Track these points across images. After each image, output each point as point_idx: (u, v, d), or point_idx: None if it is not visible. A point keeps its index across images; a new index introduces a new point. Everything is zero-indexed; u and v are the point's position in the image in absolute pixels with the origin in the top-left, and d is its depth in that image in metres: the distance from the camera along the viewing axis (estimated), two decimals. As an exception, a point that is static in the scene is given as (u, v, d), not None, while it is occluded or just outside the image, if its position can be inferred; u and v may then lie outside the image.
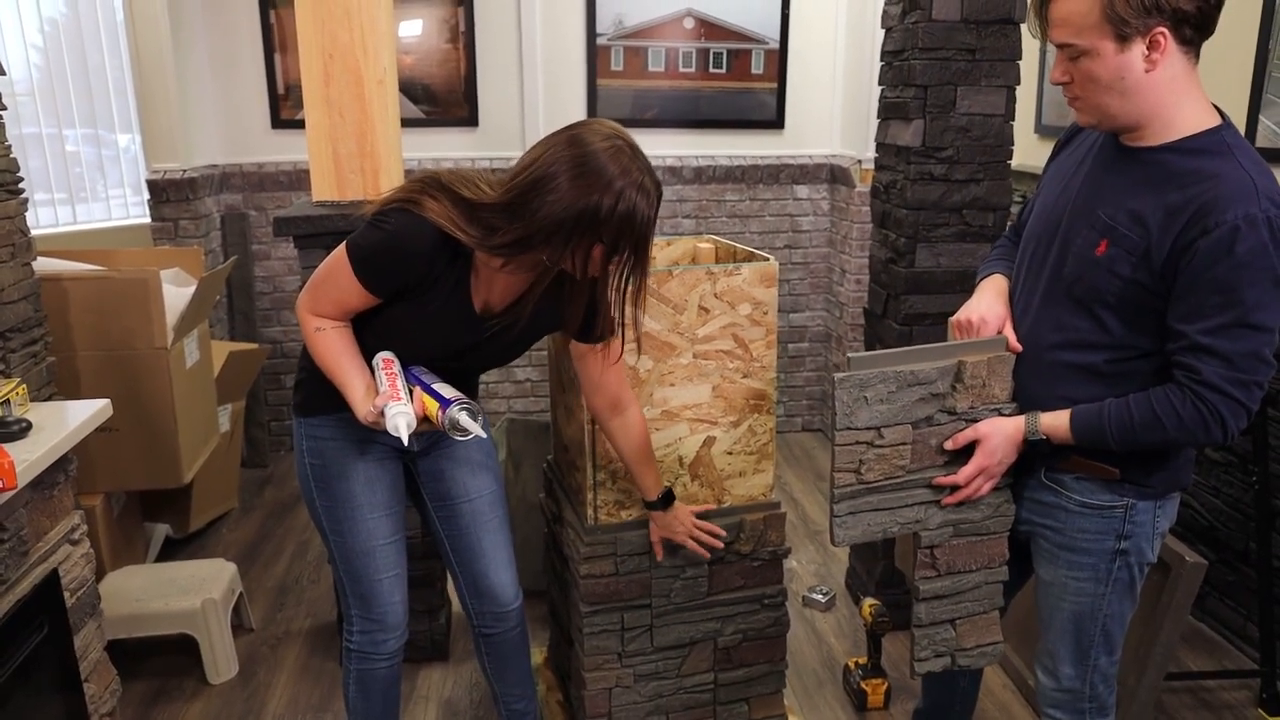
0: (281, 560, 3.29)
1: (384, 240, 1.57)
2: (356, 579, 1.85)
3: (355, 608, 1.87)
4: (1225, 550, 2.76)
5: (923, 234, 2.57)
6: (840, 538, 1.62)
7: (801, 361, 4.46)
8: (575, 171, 1.47)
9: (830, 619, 2.93)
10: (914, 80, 2.50)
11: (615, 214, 1.47)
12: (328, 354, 1.67)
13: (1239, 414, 1.41)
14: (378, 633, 1.88)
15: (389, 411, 1.56)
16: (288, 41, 3.87)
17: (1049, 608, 1.68)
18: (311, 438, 1.81)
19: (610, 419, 1.86)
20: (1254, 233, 1.33)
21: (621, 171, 1.48)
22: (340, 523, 1.82)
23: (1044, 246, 1.58)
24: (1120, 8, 1.33)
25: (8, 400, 1.76)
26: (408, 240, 1.56)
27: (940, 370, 1.59)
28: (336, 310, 1.67)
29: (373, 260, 1.59)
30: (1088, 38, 1.37)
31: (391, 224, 1.57)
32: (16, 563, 1.68)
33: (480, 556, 1.94)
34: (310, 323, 1.68)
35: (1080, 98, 1.45)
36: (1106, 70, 1.38)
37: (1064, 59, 1.43)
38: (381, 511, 1.83)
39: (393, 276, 1.60)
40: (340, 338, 1.68)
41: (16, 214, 2.23)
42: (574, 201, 1.47)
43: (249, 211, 4.03)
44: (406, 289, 1.62)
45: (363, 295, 1.63)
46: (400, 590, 1.88)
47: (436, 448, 1.91)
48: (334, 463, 1.80)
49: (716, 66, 4.10)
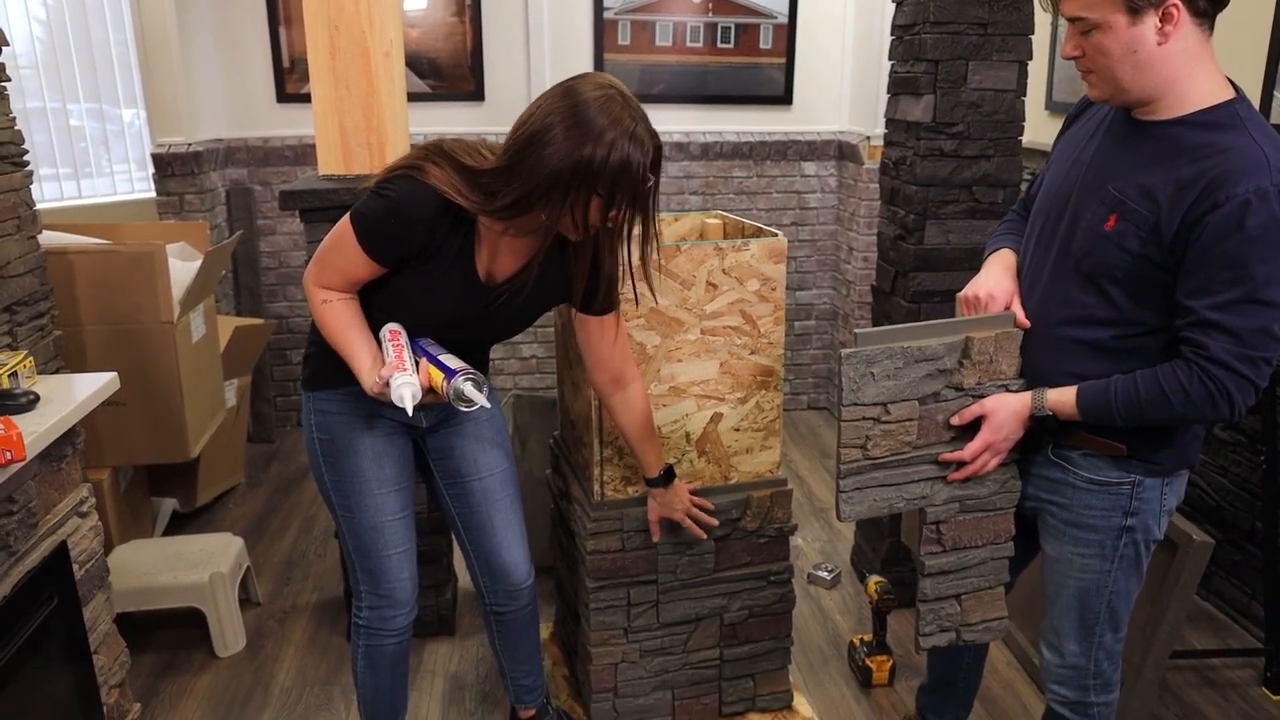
0: (288, 535, 3.30)
1: (387, 207, 1.57)
2: (365, 554, 1.85)
3: (364, 584, 1.87)
4: (1232, 530, 2.75)
5: (932, 210, 2.55)
6: (846, 513, 1.62)
7: (808, 339, 4.45)
8: (568, 123, 1.47)
9: (835, 596, 2.94)
10: (925, 55, 2.47)
11: (609, 164, 1.47)
12: (334, 325, 1.67)
13: (1247, 390, 1.40)
14: (386, 608, 1.88)
15: (394, 382, 1.55)
16: (293, 14, 3.83)
17: (1055, 584, 1.68)
18: (320, 412, 1.80)
19: (613, 394, 1.86)
20: (1265, 206, 1.31)
21: (613, 121, 1.47)
22: (348, 498, 1.82)
23: (1053, 221, 1.57)
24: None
25: (15, 373, 1.76)
26: (410, 207, 1.57)
27: (947, 346, 1.58)
28: (343, 281, 1.66)
29: (376, 228, 1.59)
30: (1099, 10, 1.35)
31: (394, 191, 1.57)
32: (25, 535, 1.69)
33: (492, 535, 1.93)
34: (317, 295, 1.68)
35: (1093, 71, 1.43)
36: (1118, 44, 1.36)
37: (1075, 33, 1.41)
38: (390, 487, 1.83)
39: (396, 244, 1.60)
40: (347, 309, 1.68)
41: (21, 186, 2.22)
42: (569, 153, 1.47)
43: (254, 186, 4.01)
44: (411, 256, 1.62)
45: (368, 265, 1.62)
46: (409, 566, 1.88)
47: (446, 424, 1.90)
48: (341, 437, 1.79)
49: (724, 41, 4.06)
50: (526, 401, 2.99)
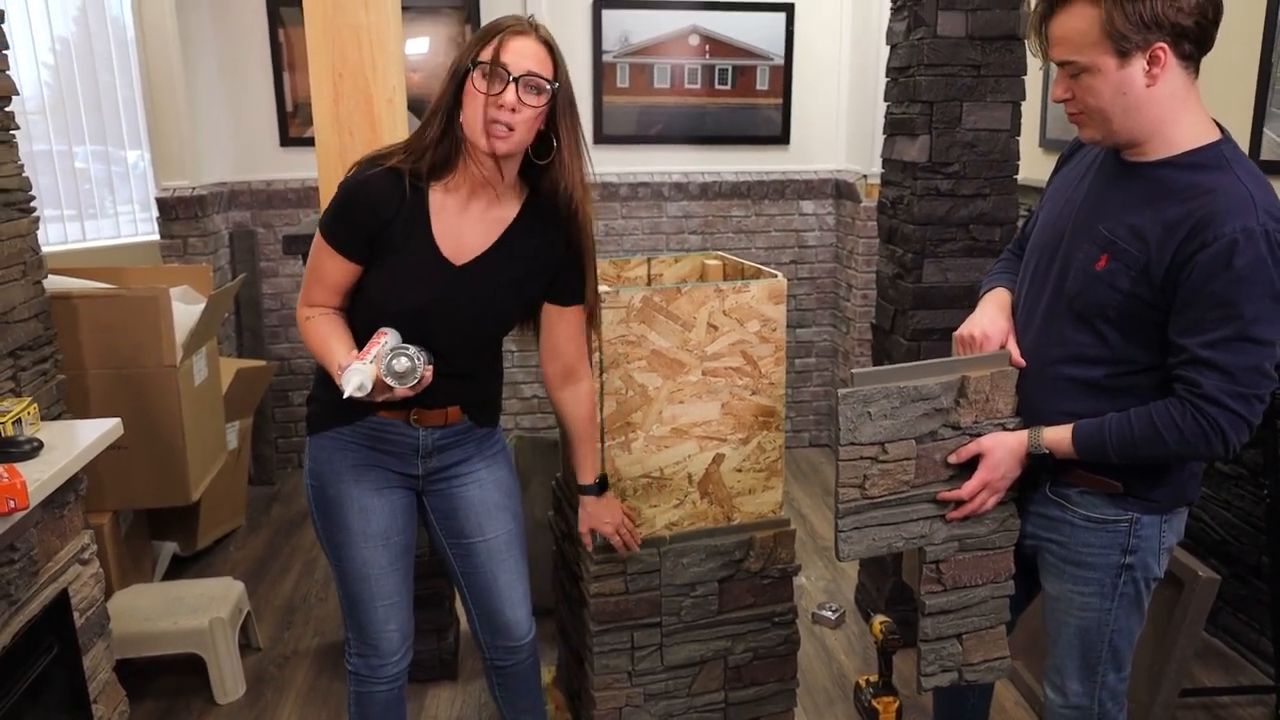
0: (289, 578, 3.28)
1: (341, 191, 1.65)
2: (351, 603, 1.83)
3: (351, 630, 1.86)
4: (1238, 565, 2.74)
5: (930, 249, 2.57)
6: (845, 553, 1.62)
7: (808, 377, 4.46)
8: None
9: (840, 636, 2.92)
10: (920, 96, 2.50)
11: (476, 37, 1.60)
12: (315, 336, 1.69)
13: (1240, 427, 1.41)
14: (373, 657, 1.85)
15: (346, 372, 1.54)
16: (296, 60, 3.89)
17: (1056, 623, 1.67)
18: (314, 459, 1.80)
19: (561, 387, 1.87)
20: (1252, 246, 1.33)
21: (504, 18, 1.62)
22: (338, 547, 1.80)
23: (1046, 261, 1.58)
24: (1120, 24, 1.33)
25: (19, 419, 1.77)
26: (358, 189, 1.64)
27: (944, 385, 1.58)
28: (325, 294, 1.70)
29: (336, 219, 1.66)
30: (1088, 55, 1.38)
31: (349, 180, 1.66)
32: (27, 583, 1.68)
33: (496, 595, 1.90)
34: (302, 314, 1.72)
35: (1082, 114, 1.45)
36: (1108, 86, 1.39)
37: (1065, 77, 1.43)
38: (377, 542, 1.79)
39: (355, 228, 1.65)
40: (328, 321, 1.70)
41: (28, 232, 2.24)
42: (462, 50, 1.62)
43: (257, 229, 4.04)
44: (373, 240, 1.65)
45: (340, 264, 1.66)
46: (396, 618, 1.85)
47: (447, 481, 1.85)
48: (330, 486, 1.78)
49: (722, 83, 4.12)
50: (529, 443, 2.99)
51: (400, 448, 1.77)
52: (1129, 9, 1.33)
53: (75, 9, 3.77)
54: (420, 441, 1.78)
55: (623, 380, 1.93)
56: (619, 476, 1.98)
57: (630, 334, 1.91)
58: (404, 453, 1.78)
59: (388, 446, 1.77)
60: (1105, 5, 1.34)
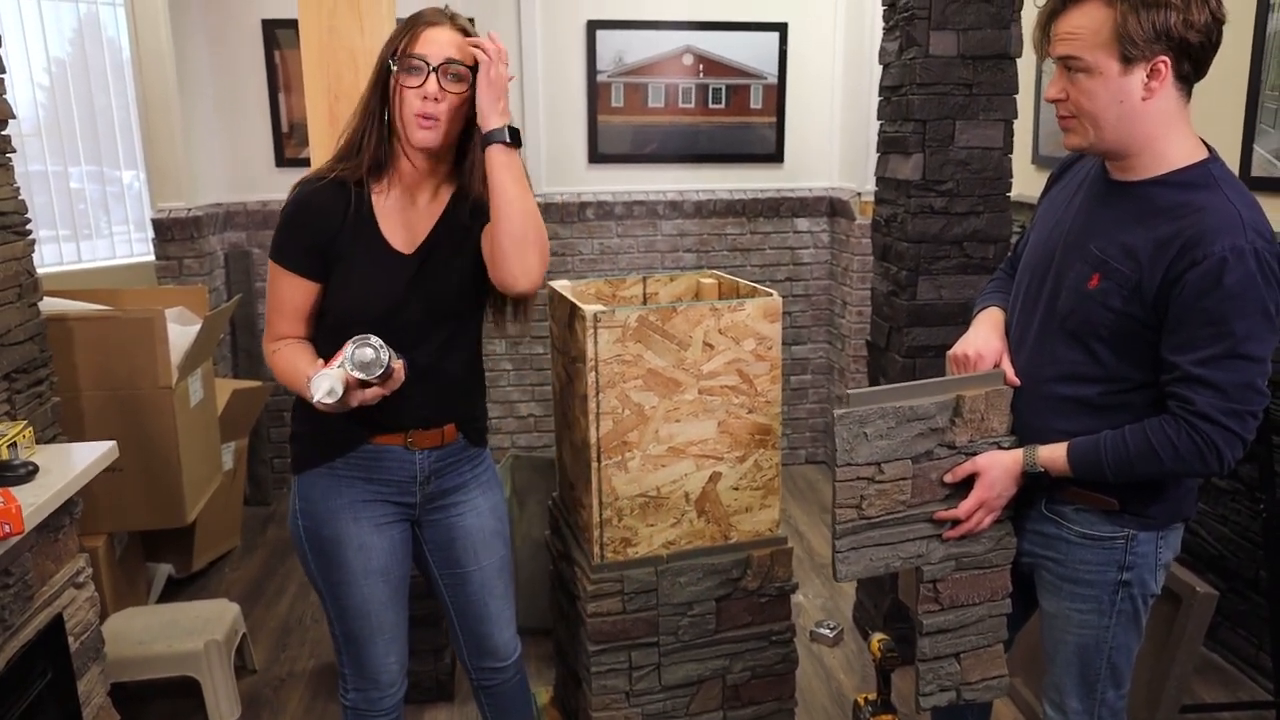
0: (284, 599, 3.27)
1: (283, 218, 1.67)
2: (350, 640, 1.80)
3: (348, 667, 1.83)
4: (1235, 579, 2.74)
5: (924, 266, 2.59)
6: (843, 573, 1.62)
7: (804, 394, 4.46)
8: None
9: (839, 654, 2.91)
10: (912, 115, 2.52)
11: (399, 32, 1.61)
12: (284, 363, 1.68)
13: (1234, 444, 1.41)
14: (372, 691, 1.84)
15: (314, 379, 1.52)
16: (292, 81, 3.91)
17: (1053, 641, 1.67)
18: (304, 498, 1.76)
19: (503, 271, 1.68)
20: (1241, 264, 1.34)
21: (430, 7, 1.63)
22: (334, 585, 1.77)
23: (1038, 280, 1.59)
24: (1132, 27, 1.35)
25: (14, 443, 1.76)
26: (300, 206, 1.65)
27: (939, 405, 1.59)
28: (287, 322, 1.69)
29: (280, 236, 1.67)
30: (1094, 54, 1.38)
31: (287, 203, 1.68)
32: (21, 608, 1.67)
33: (486, 620, 1.90)
34: (269, 348, 1.72)
35: (1073, 117, 1.46)
36: (1106, 91, 1.40)
37: (1062, 75, 1.44)
38: (377, 578, 1.77)
39: (301, 239, 1.65)
40: (295, 348, 1.70)
41: (23, 255, 2.24)
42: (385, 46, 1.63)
43: (253, 249, 4.05)
44: (325, 254, 1.65)
45: (298, 285, 1.66)
46: (395, 651, 1.83)
47: (444, 512, 1.84)
48: (325, 526, 1.74)
49: (716, 102, 4.14)
50: (525, 461, 2.98)
51: (397, 475, 1.76)
52: (1143, 15, 1.34)
53: (71, 30, 3.79)
54: (417, 467, 1.76)
55: (619, 399, 1.93)
56: (615, 496, 1.98)
57: (626, 353, 1.92)
58: (401, 480, 1.76)
59: (384, 475, 1.75)
60: (1121, 7, 1.35)
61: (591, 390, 1.92)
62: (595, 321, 1.88)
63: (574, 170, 4.17)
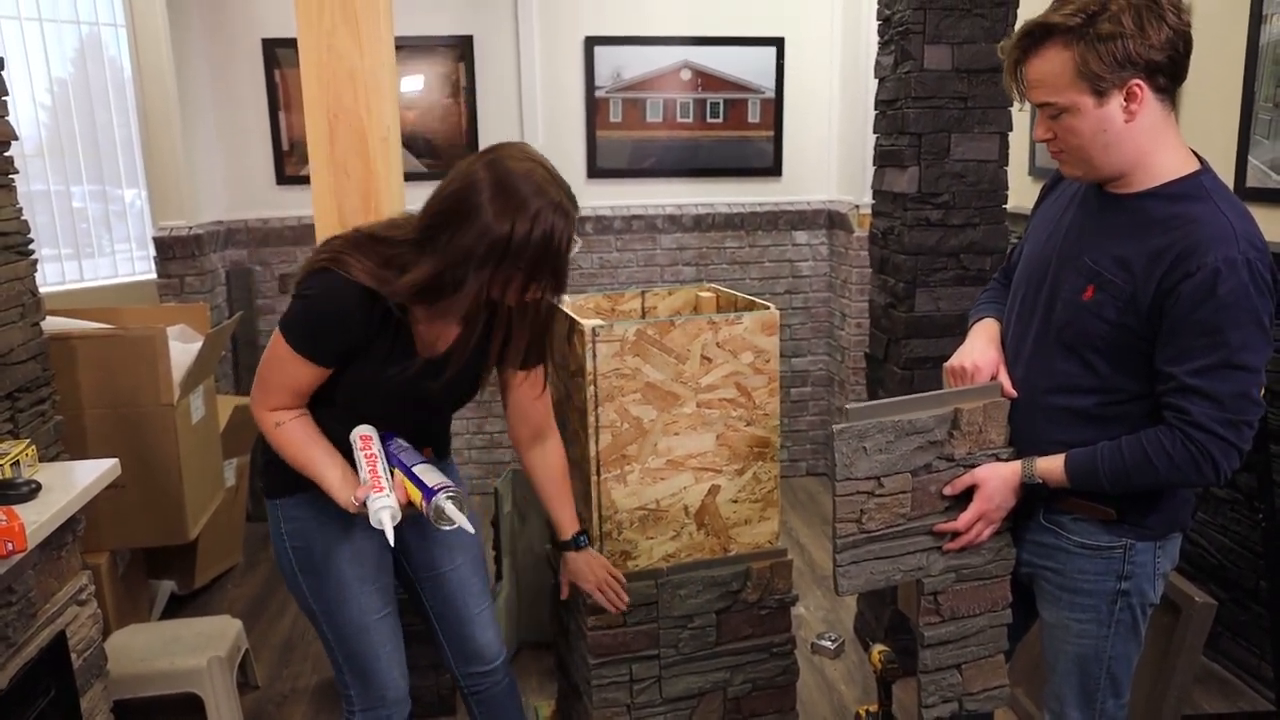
0: (287, 615, 3.27)
1: (310, 309, 1.55)
2: (353, 657, 1.79)
3: (354, 687, 1.82)
4: (1236, 589, 2.74)
5: (921, 279, 2.60)
6: (844, 587, 1.62)
7: (804, 406, 4.47)
8: (493, 195, 1.45)
9: (840, 666, 2.91)
10: (908, 128, 2.54)
11: (531, 239, 1.45)
12: (292, 446, 1.63)
13: (1230, 454, 1.42)
14: (380, 708, 1.82)
15: (372, 505, 1.52)
16: (292, 100, 3.94)
17: (1053, 650, 1.67)
18: (290, 519, 1.75)
19: (530, 448, 1.87)
20: (1234, 275, 1.35)
21: (537, 192, 1.46)
22: (330, 602, 1.76)
23: (1033, 292, 1.60)
24: (1094, 64, 1.36)
25: (17, 461, 1.77)
26: (333, 303, 1.54)
27: (937, 418, 1.60)
28: (290, 397, 1.63)
29: (307, 331, 1.57)
30: (1066, 95, 1.40)
31: (314, 290, 1.55)
32: (24, 625, 1.68)
33: (468, 621, 1.91)
34: (268, 420, 1.64)
35: (1065, 152, 1.48)
36: (1088, 125, 1.41)
37: (1045, 117, 1.46)
38: (371, 585, 1.78)
39: (330, 341, 1.58)
40: (302, 427, 1.64)
41: (26, 275, 2.26)
42: (491, 225, 1.44)
43: (254, 266, 4.07)
44: (349, 351, 1.60)
45: (310, 370, 1.60)
46: (399, 664, 1.83)
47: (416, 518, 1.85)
48: (318, 542, 1.74)
49: (714, 116, 4.17)
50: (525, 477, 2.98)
51: None
52: (1101, 50, 1.35)
53: (73, 51, 3.82)
54: None
55: (617, 413, 1.94)
56: (615, 509, 1.99)
57: (625, 367, 1.93)
58: None
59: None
60: (1078, 48, 1.36)
61: (590, 404, 1.93)
62: (594, 336, 1.89)
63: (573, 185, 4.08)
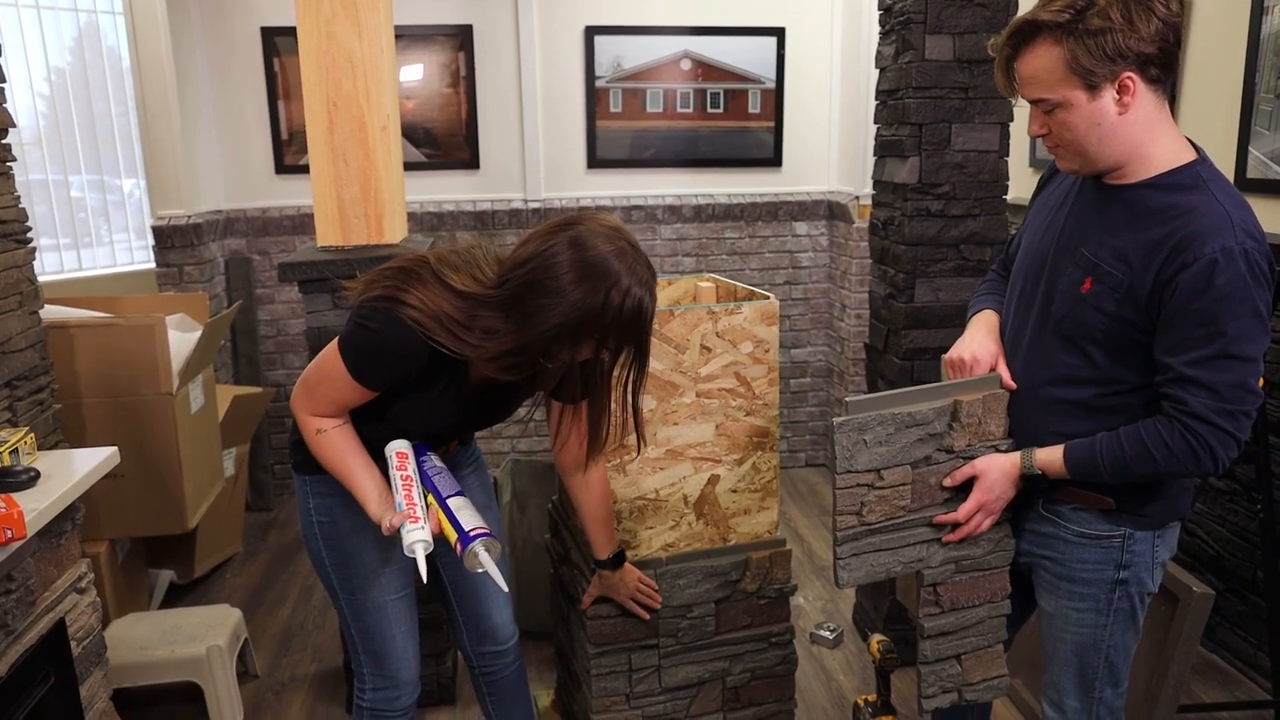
0: (286, 604, 3.28)
1: (374, 343, 1.55)
2: (369, 636, 1.82)
3: (367, 665, 1.85)
4: (1233, 579, 2.75)
5: (921, 269, 2.60)
6: (845, 580, 1.63)
7: (804, 397, 4.47)
8: (581, 272, 1.43)
9: (838, 656, 2.92)
10: (909, 118, 2.53)
11: (623, 312, 1.45)
12: (332, 455, 1.65)
13: (1228, 444, 1.42)
14: (390, 689, 1.85)
15: (406, 537, 1.55)
16: (291, 89, 3.92)
17: (1052, 639, 1.68)
18: (319, 495, 1.77)
19: (573, 474, 1.86)
20: (1232, 265, 1.35)
21: (628, 270, 1.46)
22: (352, 580, 1.79)
23: (1031, 284, 1.60)
24: (1084, 60, 1.36)
25: (16, 449, 1.77)
26: (397, 345, 1.54)
27: (936, 410, 1.60)
28: (335, 409, 1.64)
29: (365, 360, 1.57)
30: (1059, 91, 1.40)
31: (377, 325, 1.53)
32: (24, 613, 1.68)
33: (484, 599, 1.94)
34: (310, 425, 1.66)
35: (1060, 146, 1.48)
36: (1081, 119, 1.41)
37: (1039, 113, 1.46)
38: (394, 566, 1.81)
39: (387, 374, 1.59)
40: (343, 438, 1.66)
41: (24, 263, 2.25)
42: (580, 301, 1.44)
43: (253, 256, 4.06)
44: (406, 382, 1.61)
45: (361, 394, 1.62)
46: (413, 645, 1.86)
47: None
48: (345, 519, 1.76)
49: (714, 106, 4.16)
50: (525, 466, 2.99)
51: None
52: (1091, 44, 1.35)
53: (71, 39, 3.81)
54: None
55: (616, 403, 1.94)
56: (614, 499, 1.99)
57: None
58: None
59: None
60: (1068, 43, 1.36)
61: (590, 394, 1.93)
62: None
63: (573, 175, 4.18)
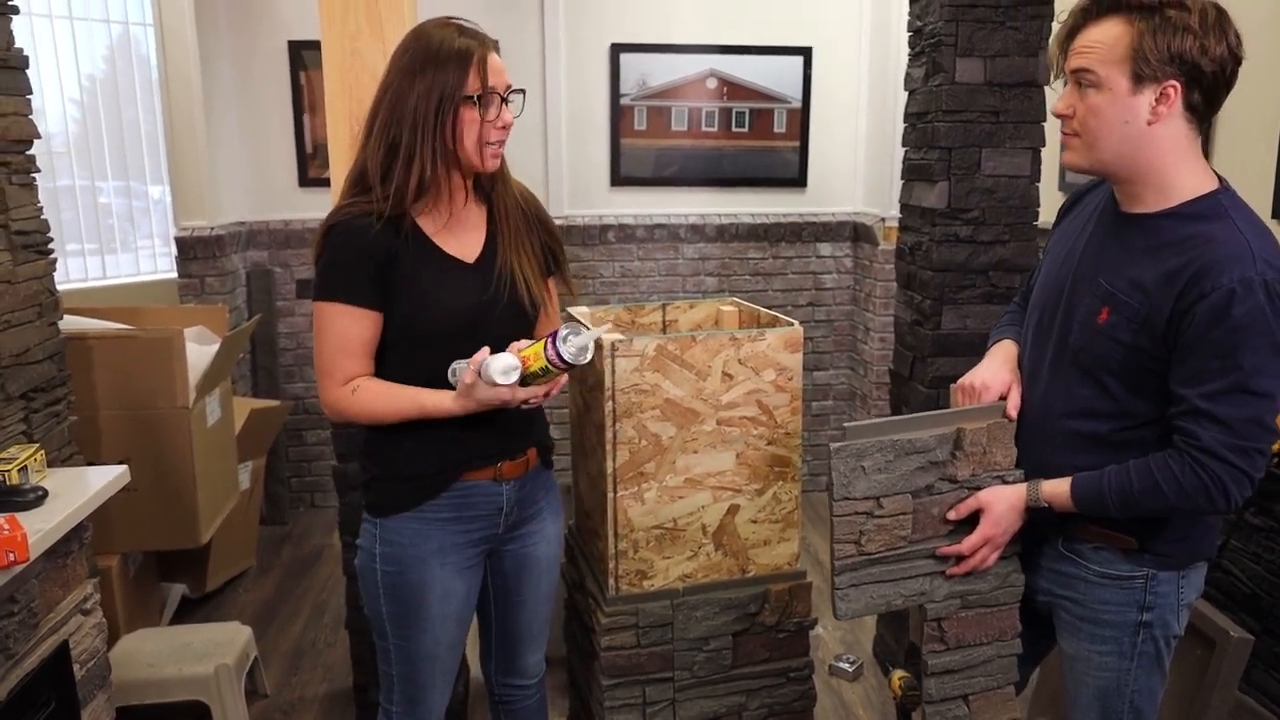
0: (298, 622, 3.24)
1: (328, 254, 1.61)
2: (409, 681, 1.77)
3: (399, 705, 1.80)
4: (1269, 619, 2.65)
5: (949, 296, 2.54)
6: (843, 611, 1.58)
7: (826, 420, 4.41)
8: (412, 54, 1.57)
9: (858, 689, 2.85)
10: (938, 142, 2.48)
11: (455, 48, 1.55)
12: (376, 401, 1.62)
13: (1241, 481, 1.38)
14: None
15: (487, 368, 1.50)
16: (316, 102, 3.92)
17: (1074, 683, 1.62)
18: (387, 542, 1.70)
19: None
20: (1250, 296, 1.32)
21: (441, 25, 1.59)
22: (407, 629, 1.73)
23: (1049, 314, 1.57)
24: (1147, 46, 1.34)
25: (25, 467, 1.75)
26: (347, 235, 1.60)
27: (938, 438, 1.55)
28: (355, 359, 1.62)
29: (331, 275, 1.61)
30: (1106, 68, 1.37)
31: (322, 242, 1.63)
32: (25, 636, 1.65)
33: (524, 642, 1.90)
34: (341, 394, 1.62)
35: (1077, 134, 1.44)
36: (1113, 108, 1.38)
37: (1072, 90, 1.43)
38: (452, 622, 1.75)
39: (356, 271, 1.59)
40: (377, 382, 1.63)
41: (45, 274, 2.23)
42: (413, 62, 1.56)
43: (274, 268, 4.06)
44: (384, 278, 1.60)
45: (359, 316, 1.60)
46: (449, 690, 1.82)
47: (519, 542, 1.81)
48: (412, 572, 1.70)
49: (739, 126, 4.12)
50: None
51: (485, 510, 1.73)
52: (1160, 37, 1.33)
53: (104, 48, 3.83)
54: (504, 499, 1.74)
55: (635, 430, 1.90)
56: (631, 528, 1.94)
57: (644, 383, 1.88)
58: (489, 514, 1.73)
59: (473, 512, 1.71)
60: (1139, 25, 1.35)
61: (609, 419, 1.89)
62: (613, 350, 1.85)
63: (596, 192, 4.16)
